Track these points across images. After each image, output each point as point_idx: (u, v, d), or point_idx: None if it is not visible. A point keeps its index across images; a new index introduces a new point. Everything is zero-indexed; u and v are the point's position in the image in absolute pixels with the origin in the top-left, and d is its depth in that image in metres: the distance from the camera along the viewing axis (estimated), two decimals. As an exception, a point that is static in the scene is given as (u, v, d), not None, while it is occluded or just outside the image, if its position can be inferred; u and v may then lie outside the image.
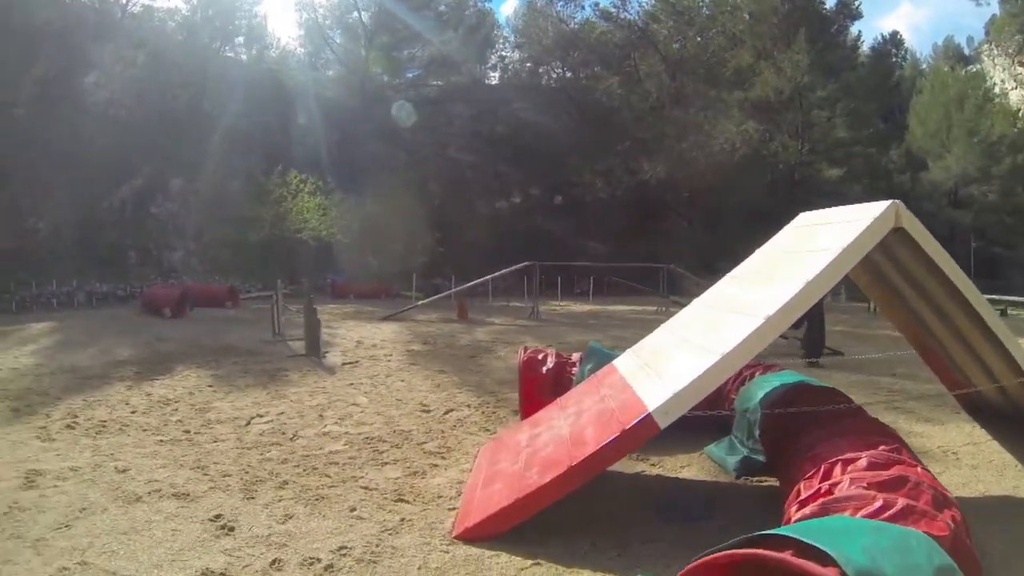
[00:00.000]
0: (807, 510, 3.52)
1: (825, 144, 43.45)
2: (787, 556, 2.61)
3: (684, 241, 39.76)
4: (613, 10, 42.96)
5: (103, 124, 26.51)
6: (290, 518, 5.01)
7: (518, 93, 43.71)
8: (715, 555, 2.84)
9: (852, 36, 47.38)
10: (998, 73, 49.53)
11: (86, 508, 5.16)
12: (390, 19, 38.74)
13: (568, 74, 44.99)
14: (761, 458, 5.55)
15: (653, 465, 6.38)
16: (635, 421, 4.58)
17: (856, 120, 43.01)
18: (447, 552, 4.44)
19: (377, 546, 4.53)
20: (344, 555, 4.39)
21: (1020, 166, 41.70)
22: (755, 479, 5.84)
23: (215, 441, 7.17)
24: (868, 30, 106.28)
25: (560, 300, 24.93)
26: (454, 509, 5.18)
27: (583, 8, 43.72)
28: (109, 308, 21.37)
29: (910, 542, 2.77)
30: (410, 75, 42.44)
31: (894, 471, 3.80)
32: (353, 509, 5.21)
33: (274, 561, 4.30)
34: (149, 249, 27.47)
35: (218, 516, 5.02)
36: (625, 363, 6.12)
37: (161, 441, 7.12)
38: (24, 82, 25.15)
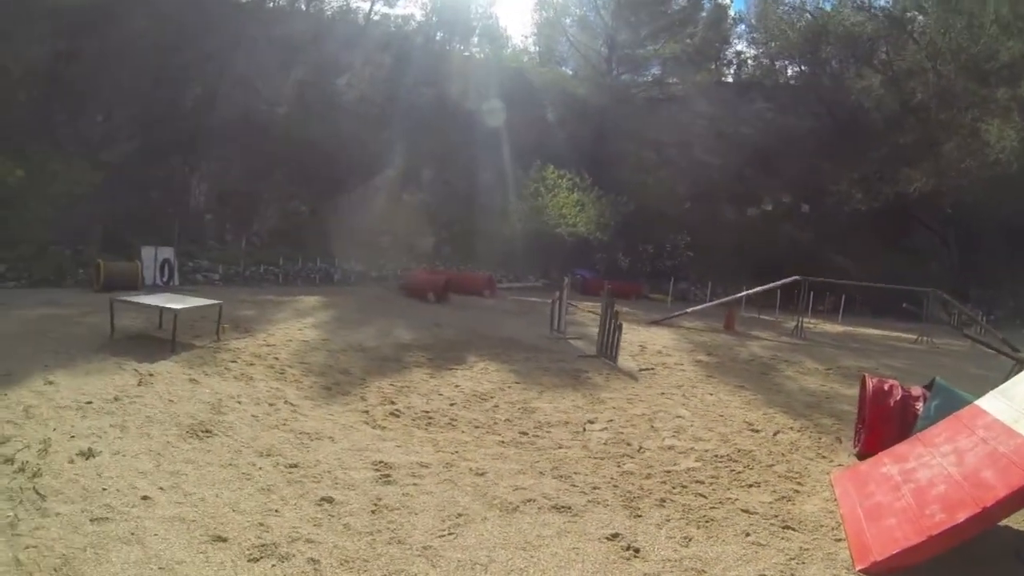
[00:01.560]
0: None
1: None
2: None
3: (936, 261, 36.12)
4: (864, -1, 39.12)
5: (356, 121, 27.72)
6: (690, 540, 4.85)
7: (759, 92, 41.36)
8: None
9: None
10: None
11: (462, 514, 4.85)
12: (629, 16, 37.82)
13: (810, 70, 41.75)
14: None
15: None
16: None
17: None
18: None
19: (792, 575, 4.43)
20: None
21: None
22: None
23: (559, 447, 6.83)
24: None
25: (810, 317, 23.05)
26: (840, 540, 5.08)
27: (828, -1, 40.27)
28: (365, 287, 22.15)
29: None
30: (652, 73, 41.24)
31: None
32: (747, 534, 5.06)
33: None
34: (401, 234, 28.31)
35: (616, 535, 4.75)
36: (996, 407, 5.81)
37: (502, 442, 6.83)
38: (285, 86, 27.06)
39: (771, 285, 20.98)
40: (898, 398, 7.52)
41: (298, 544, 4.06)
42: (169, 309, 9.71)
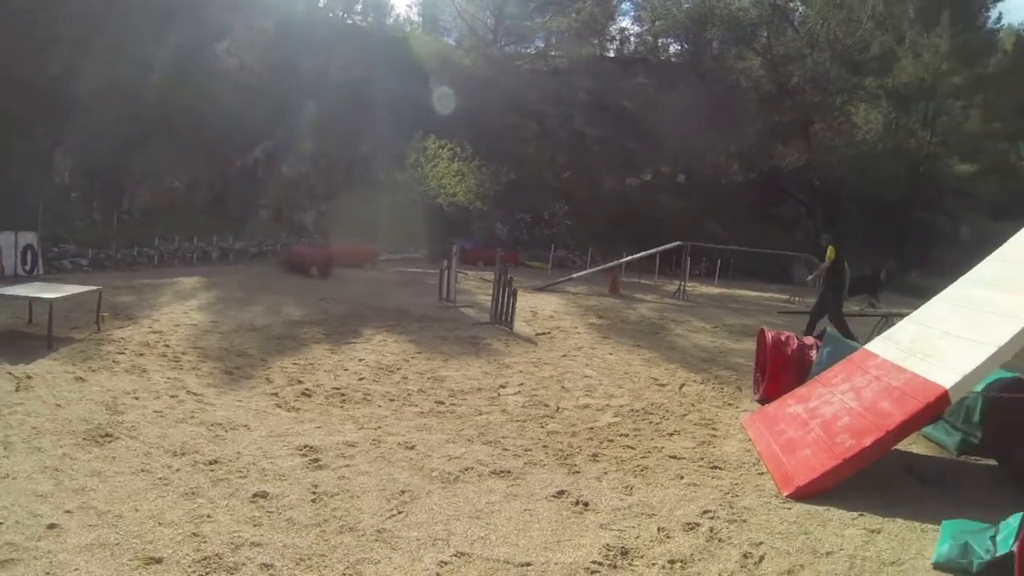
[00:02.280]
0: None
1: (956, 137, 39.70)
2: None
3: (802, 229, 38.26)
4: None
5: (235, 89, 26.52)
6: (632, 489, 5.09)
7: (642, 67, 42.53)
8: None
9: (991, 19, 42.64)
10: None
11: (405, 491, 4.66)
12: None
13: (693, 49, 43.04)
14: (976, 440, 6.35)
15: None
16: (935, 397, 5.28)
17: (990, 112, 39.09)
18: (790, 509, 4.88)
19: (732, 507, 4.83)
20: (713, 518, 4.62)
21: None
22: (972, 458, 6.46)
23: (479, 413, 6.81)
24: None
25: (687, 281, 23.94)
26: (763, 474, 5.63)
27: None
28: (246, 265, 21.21)
29: None
30: (537, 45, 41.49)
31: None
32: (681, 477, 5.44)
33: (659, 529, 4.38)
34: (280, 208, 27.44)
35: (562, 492, 4.84)
36: (883, 349, 6.75)
37: (421, 413, 6.69)
38: (159, 51, 25.20)
39: (655, 250, 21.59)
40: (795, 347, 8.32)
41: (243, 550, 3.65)
42: (41, 300, 8.64)
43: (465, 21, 38.57)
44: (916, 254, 38.66)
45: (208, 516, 4.05)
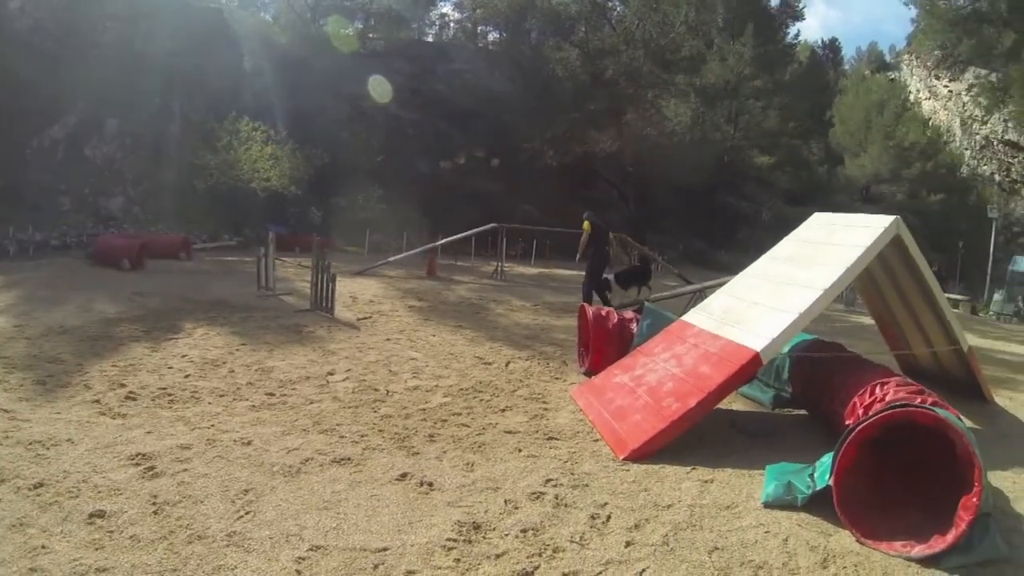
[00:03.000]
0: (878, 406, 5.21)
1: (756, 132, 45.68)
2: (923, 411, 4.47)
3: (616, 212, 39.93)
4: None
5: (28, 55, 23.91)
6: (473, 465, 5.27)
7: (459, 53, 43.34)
8: (873, 420, 4.50)
9: (791, 34, 50.03)
10: (915, 83, 55.52)
11: (249, 489, 4.54)
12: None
13: (511, 38, 43.95)
14: (787, 394, 7.48)
15: None
16: (748, 358, 5.93)
17: (786, 113, 45.64)
18: (628, 470, 5.26)
19: (573, 474, 5.13)
20: (556, 486, 4.87)
21: (928, 172, 46.33)
22: (786, 410, 7.46)
23: (311, 403, 6.79)
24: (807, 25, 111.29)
25: (504, 262, 24.53)
26: (599, 441, 6.02)
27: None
28: (47, 258, 19.43)
29: (951, 414, 4.69)
30: (356, 26, 40.78)
31: (915, 386, 5.64)
32: (520, 450, 5.69)
33: (506, 502, 4.56)
34: (84, 195, 25.26)
35: (405, 475, 4.94)
36: (699, 319, 7.46)
37: (253, 407, 6.56)
38: (-61, 4, 22.66)
39: (470, 232, 21.99)
40: (615, 321, 8.89)
41: None
42: None
43: (282, -1, 37.55)
44: (723, 234, 42.26)
45: (43, 547, 3.64)
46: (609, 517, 4.39)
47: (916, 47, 53.12)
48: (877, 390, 5.62)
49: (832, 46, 63.50)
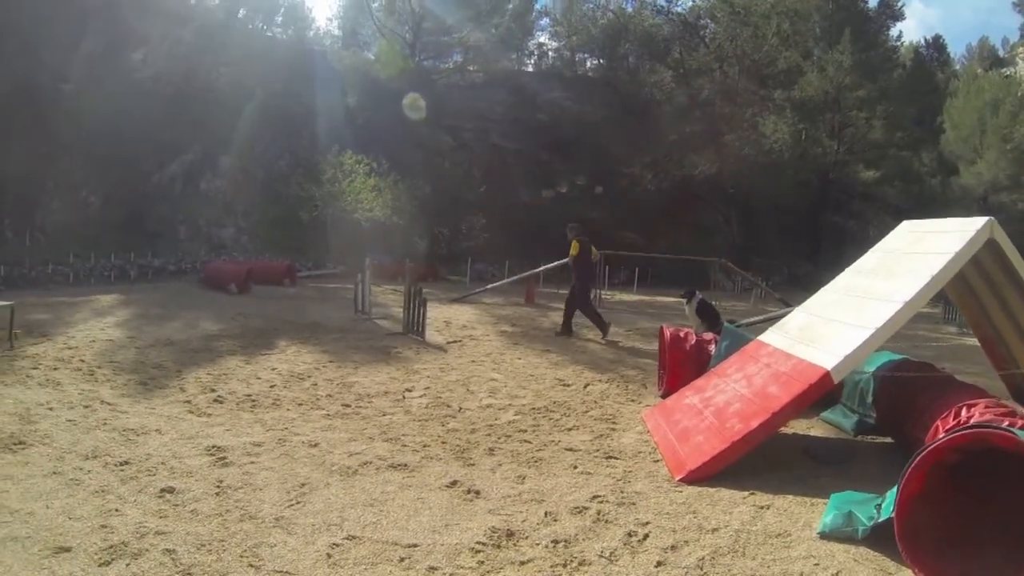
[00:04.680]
0: (967, 430, 4.21)
1: (861, 145, 42.57)
2: (999, 432, 3.78)
3: (719, 236, 39.40)
4: (664, 3, 42.63)
5: (151, 100, 25.77)
6: (525, 478, 5.29)
7: (559, 82, 43.29)
8: (942, 442, 3.93)
9: (893, 36, 46.15)
10: None
11: (306, 484, 4.90)
12: (436, 3, 38.26)
13: (608, 64, 44.13)
14: (871, 420, 6.85)
15: (787, 427, 6.87)
16: (817, 378, 5.59)
17: (892, 123, 41.93)
18: (680, 491, 5.09)
19: (623, 492, 5.01)
20: (602, 502, 4.79)
21: (1053, 177, 41.40)
22: (869, 437, 6.89)
23: (383, 415, 7.05)
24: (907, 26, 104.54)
25: (606, 289, 24.51)
26: (658, 461, 5.87)
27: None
28: (164, 282, 20.91)
29: None
30: (454, 59, 41.82)
31: (1006, 408, 5.09)
32: (575, 467, 5.65)
33: (546, 513, 4.56)
34: (199, 225, 27.02)
35: (454, 483, 5.06)
36: (774, 339, 7.12)
37: (327, 415, 6.92)
38: (73, 59, 24.54)
39: (567, 260, 21.91)
40: (693, 343, 8.61)
41: (148, 538, 3.87)
42: (-49, 317, 8.52)
43: (383, 35, 38.76)
44: (829, 254, 40.15)
45: (116, 510, 4.24)
46: (647, 536, 4.28)
47: None
48: (963, 412, 5.10)
49: (936, 44, 58.10)
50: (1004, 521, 4.06)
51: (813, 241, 40.95)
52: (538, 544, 4.10)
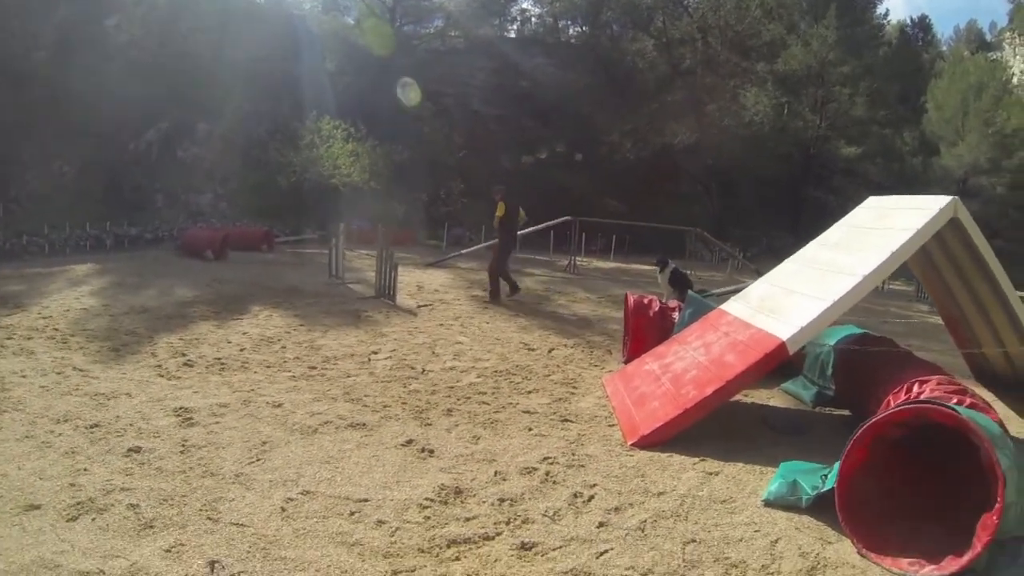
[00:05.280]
0: (908, 405, 4.38)
1: (843, 121, 42.59)
2: (938, 408, 3.87)
3: (699, 206, 39.67)
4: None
5: (126, 67, 25.56)
6: (479, 439, 5.44)
7: (541, 48, 43.13)
8: (883, 417, 4.04)
9: (879, 14, 46.37)
10: (1018, 63, 49.34)
11: (267, 442, 5.08)
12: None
13: (591, 31, 43.95)
14: (830, 393, 7.02)
15: (746, 396, 7.25)
16: (773, 347, 5.67)
17: (876, 100, 42.24)
18: (632, 455, 5.21)
19: (574, 455, 5.15)
20: (552, 463, 4.94)
21: (1032, 162, 41.78)
22: (827, 409, 7.05)
23: (348, 376, 7.20)
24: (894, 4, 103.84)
25: (583, 256, 24.66)
26: (613, 425, 5.98)
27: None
28: (141, 251, 20.71)
29: (983, 416, 4.11)
30: (435, 25, 41.40)
31: (957, 386, 5.09)
32: (530, 429, 5.78)
33: (496, 473, 4.72)
34: (176, 193, 26.95)
35: (410, 441, 5.22)
36: (736, 308, 7.19)
37: (293, 377, 7.06)
38: (45, 27, 24.54)
39: (543, 225, 21.93)
40: (656, 309, 8.74)
41: (114, 494, 4.06)
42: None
43: (363, 1, 38.40)
44: (808, 228, 40.05)
45: (85, 470, 4.42)
46: (592, 498, 4.38)
47: (1017, 24, 49.11)
48: (915, 388, 5.18)
49: (923, 24, 58.35)
50: (951, 496, 4.19)
51: (793, 214, 41.05)
52: (484, 502, 4.26)
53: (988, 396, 7.29)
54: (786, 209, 41.17)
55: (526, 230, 21.44)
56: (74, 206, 22.43)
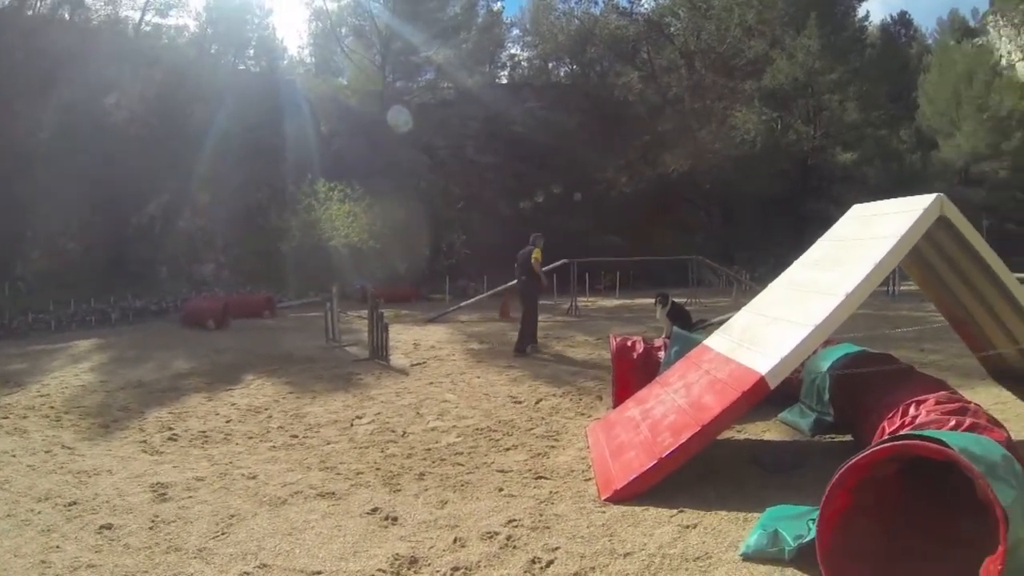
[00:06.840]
0: (886, 444, 3.90)
1: (837, 128, 42.64)
2: (923, 443, 3.44)
3: (701, 232, 39.64)
4: (627, 4, 42.72)
5: (126, 143, 26.31)
6: (446, 503, 5.32)
7: (531, 91, 43.38)
8: (860, 459, 3.57)
9: (859, 17, 46.23)
10: (1004, 45, 48.81)
11: (235, 515, 5.14)
12: (404, 25, 38.24)
13: (580, 70, 44.43)
14: (830, 418, 6.69)
15: (739, 432, 7.03)
16: (751, 384, 5.34)
17: (867, 102, 42.17)
18: (604, 511, 4.95)
19: (541, 515, 4.94)
20: (516, 526, 4.76)
21: (1030, 141, 41.27)
22: (827, 437, 6.74)
23: (328, 443, 7.23)
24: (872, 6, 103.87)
25: (587, 296, 24.69)
26: (590, 480, 5.73)
27: (596, 3, 43.18)
28: (146, 323, 20.96)
29: (983, 440, 3.73)
30: (426, 78, 41.84)
31: (956, 404, 4.82)
32: (501, 489, 5.61)
33: (455, 540, 4.58)
34: (180, 263, 27.28)
35: (375, 509, 5.18)
36: (718, 342, 6.84)
37: (273, 447, 7.15)
38: (47, 107, 24.93)
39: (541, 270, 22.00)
40: (640, 351, 8.41)
41: (80, 571, 4.16)
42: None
43: (353, 61, 39.10)
44: (813, 241, 39.71)
45: (57, 547, 4.57)
46: (551, 563, 4.17)
47: (999, 4, 48.62)
48: (911, 410, 4.87)
49: (903, 21, 58.63)
50: (963, 525, 3.81)
51: (796, 229, 40.68)
52: (438, 572, 4.16)
53: (1007, 396, 7.34)
54: (789, 224, 40.76)
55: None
56: (79, 281, 22.83)
